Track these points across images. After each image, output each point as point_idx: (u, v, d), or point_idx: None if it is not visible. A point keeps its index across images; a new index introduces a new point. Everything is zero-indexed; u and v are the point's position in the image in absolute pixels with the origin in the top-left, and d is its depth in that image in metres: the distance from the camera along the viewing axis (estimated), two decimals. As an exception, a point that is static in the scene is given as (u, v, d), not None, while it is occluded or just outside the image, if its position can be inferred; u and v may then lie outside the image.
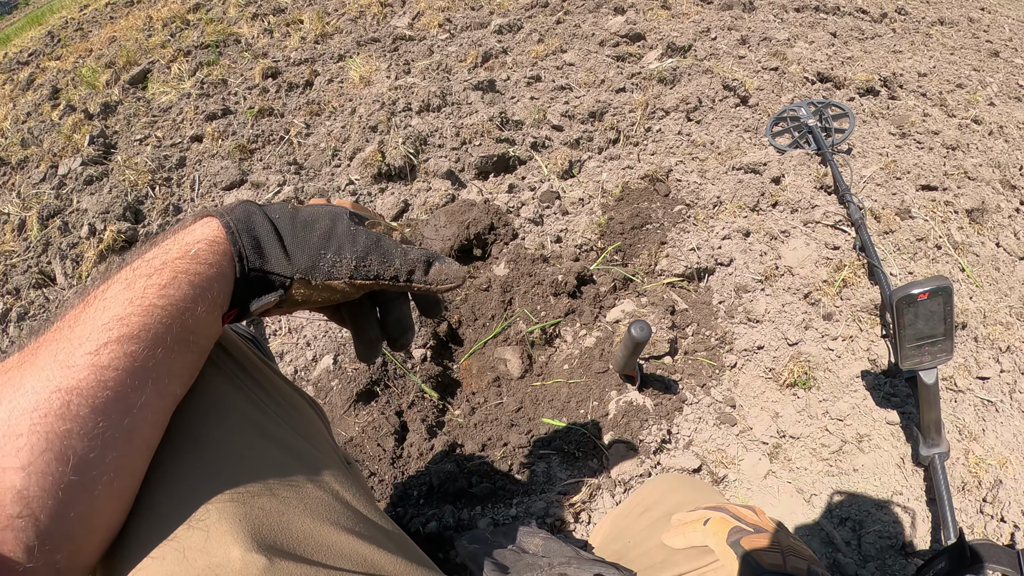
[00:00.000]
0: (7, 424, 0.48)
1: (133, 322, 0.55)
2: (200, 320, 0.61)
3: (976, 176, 2.50)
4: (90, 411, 0.51)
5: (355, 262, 0.69)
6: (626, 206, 2.23)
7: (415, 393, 1.74)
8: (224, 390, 0.68)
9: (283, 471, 0.64)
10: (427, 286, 0.73)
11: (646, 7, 3.96)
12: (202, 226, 0.64)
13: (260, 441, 0.66)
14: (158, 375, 0.57)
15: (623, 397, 1.69)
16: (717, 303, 2.01)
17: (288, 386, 0.82)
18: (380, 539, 0.67)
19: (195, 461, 0.60)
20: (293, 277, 0.67)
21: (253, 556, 0.53)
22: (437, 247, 2.02)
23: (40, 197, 2.71)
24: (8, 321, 2.22)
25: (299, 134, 2.88)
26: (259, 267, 0.66)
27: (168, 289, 0.58)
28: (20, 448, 0.47)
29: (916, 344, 1.52)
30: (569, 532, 1.47)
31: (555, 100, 2.93)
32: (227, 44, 4.05)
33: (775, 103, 2.91)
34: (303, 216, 0.70)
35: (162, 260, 0.59)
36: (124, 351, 0.54)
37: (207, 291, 0.61)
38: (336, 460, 0.78)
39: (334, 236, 0.69)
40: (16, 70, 4.84)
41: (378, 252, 0.70)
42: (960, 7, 5.02)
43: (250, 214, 0.67)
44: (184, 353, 0.61)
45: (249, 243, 0.65)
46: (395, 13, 4.14)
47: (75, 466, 0.50)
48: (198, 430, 0.62)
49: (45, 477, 0.48)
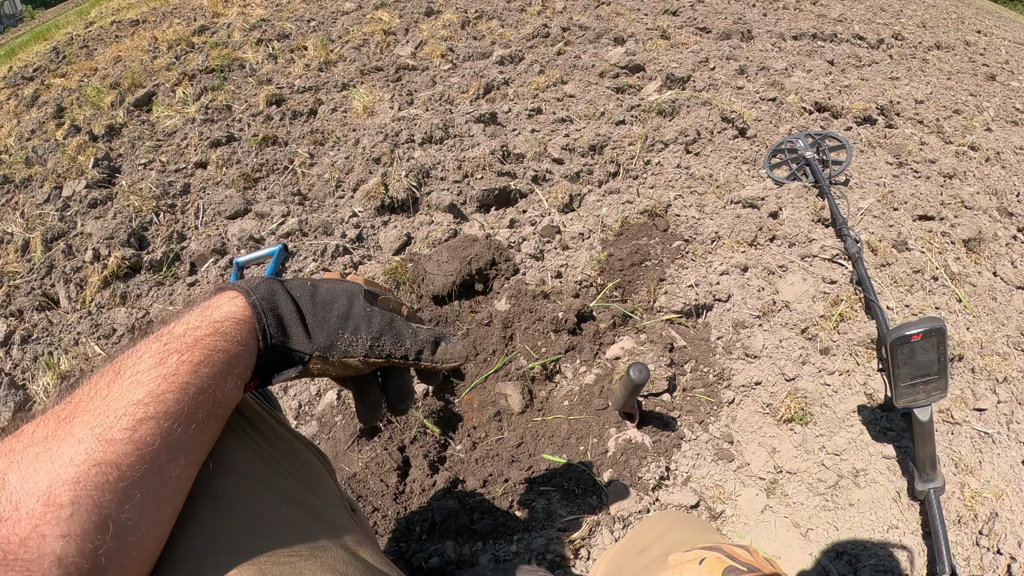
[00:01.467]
0: (49, 495, 0.51)
1: (168, 399, 0.58)
2: (227, 394, 0.65)
3: (973, 205, 2.52)
4: (128, 484, 0.55)
5: (370, 342, 0.73)
6: (625, 242, 2.26)
7: (417, 428, 1.76)
8: (237, 450, 0.71)
9: (295, 526, 0.67)
10: (433, 365, 0.78)
11: (645, 37, 4.01)
12: (228, 303, 0.68)
13: (272, 498, 0.69)
14: (189, 447, 0.61)
15: (622, 434, 1.71)
16: (715, 339, 2.03)
17: (294, 438, 0.85)
18: None
19: (213, 520, 0.63)
20: (312, 354, 0.71)
21: None
22: (440, 282, 2.04)
23: (44, 218, 2.73)
24: (11, 343, 2.23)
25: (303, 164, 2.91)
26: (282, 344, 0.70)
27: (201, 367, 0.61)
28: (62, 518, 0.50)
29: (911, 383, 1.54)
30: (569, 568, 1.48)
31: (556, 132, 2.96)
32: (231, 69, 4.10)
33: (773, 134, 2.94)
34: (322, 295, 0.74)
35: (193, 337, 0.63)
36: (160, 427, 0.57)
37: (235, 367, 0.65)
38: (343, 511, 0.81)
39: (351, 317, 0.73)
40: (21, 85, 4.87)
41: (391, 333, 0.75)
42: (956, 30, 5.07)
43: (273, 292, 0.71)
44: (212, 425, 0.64)
45: (273, 321, 0.69)
46: (398, 42, 4.19)
47: (113, 534, 0.53)
48: (214, 489, 0.65)
49: (85, 544, 0.51)
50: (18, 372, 2.14)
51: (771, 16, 4.76)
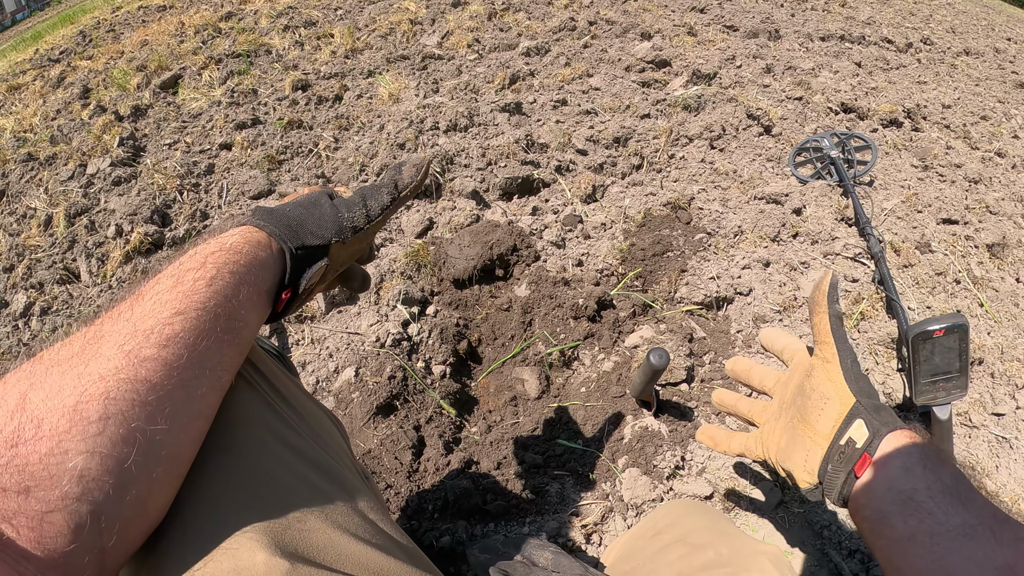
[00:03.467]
0: (75, 409, 0.51)
1: (191, 315, 0.60)
2: (243, 305, 0.66)
3: (998, 210, 2.50)
4: (157, 399, 0.56)
5: (365, 209, 0.82)
6: (648, 233, 2.26)
7: (433, 409, 1.77)
8: (250, 402, 0.72)
9: (306, 482, 0.68)
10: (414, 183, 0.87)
11: (672, 33, 4.00)
12: (234, 224, 0.72)
13: (285, 452, 0.69)
14: (212, 365, 0.62)
15: (638, 422, 1.71)
16: (735, 332, 2.02)
17: (310, 401, 0.86)
18: (395, 551, 0.70)
19: (223, 470, 0.63)
20: (331, 242, 0.78)
21: (276, 560, 0.56)
22: (461, 266, 2.05)
23: (68, 195, 2.76)
24: (31, 315, 2.26)
25: (327, 148, 2.93)
26: (301, 243, 0.75)
27: (215, 281, 0.63)
28: (89, 433, 0.50)
29: (931, 380, 1.53)
30: (581, 553, 1.49)
31: (580, 124, 2.96)
32: (258, 54, 4.12)
33: (798, 133, 2.92)
34: (302, 202, 0.81)
35: (203, 256, 0.65)
36: (187, 343, 0.59)
37: (246, 277, 0.67)
38: (355, 473, 0.82)
39: (337, 203, 0.82)
40: (47, 67, 4.92)
41: (370, 194, 0.84)
42: (986, 37, 5.02)
43: (268, 211, 0.75)
44: (232, 343, 0.66)
45: (282, 230, 0.73)
46: (424, 32, 4.20)
47: (141, 447, 0.54)
48: (225, 440, 0.66)
49: (110, 458, 0.51)
50: (36, 343, 2.17)
51: (799, 16, 4.74)
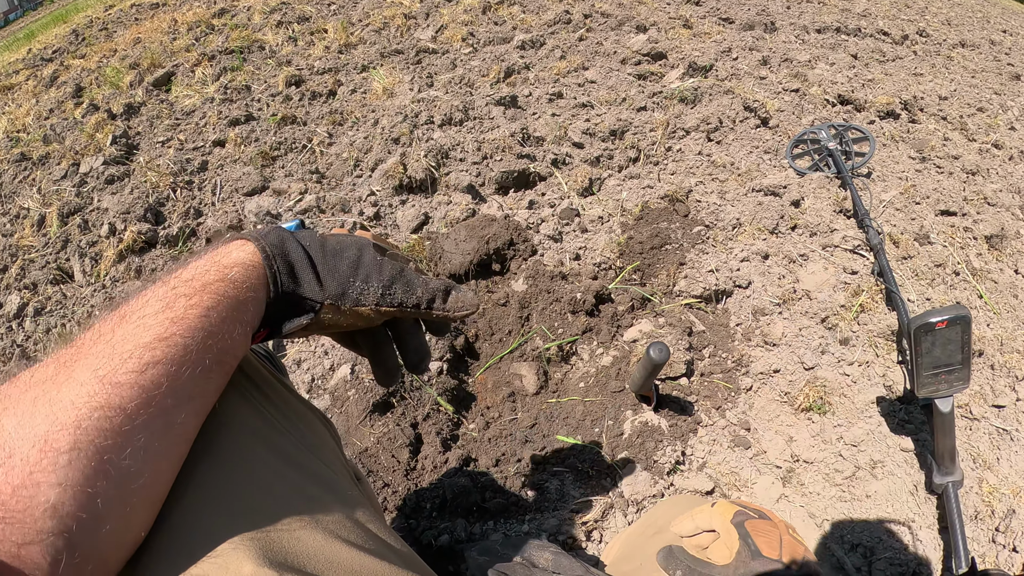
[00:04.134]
0: (46, 439, 0.48)
1: (177, 343, 0.57)
2: (236, 341, 0.63)
3: (996, 202, 2.49)
4: (132, 428, 0.52)
5: (381, 290, 0.72)
6: (645, 226, 2.24)
7: (431, 406, 1.75)
8: (239, 409, 0.69)
9: (295, 488, 0.66)
10: (445, 314, 0.77)
11: (668, 26, 3.98)
12: (238, 249, 0.66)
13: (272, 459, 0.67)
14: (195, 394, 0.59)
15: (638, 417, 1.69)
16: (734, 325, 2.01)
17: (300, 403, 0.83)
18: (389, 556, 0.68)
19: (210, 479, 0.61)
20: (324, 302, 0.70)
21: (264, 571, 0.54)
22: (457, 261, 2.03)
23: (61, 194, 2.74)
24: (24, 315, 2.23)
25: (321, 143, 2.90)
26: (292, 291, 0.69)
27: (211, 312, 0.60)
28: (59, 464, 0.48)
29: (933, 372, 1.52)
30: (581, 550, 1.47)
31: (576, 117, 2.95)
32: (251, 50, 4.10)
33: (795, 125, 2.91)
34: (332, 245, 0.73)
35: (201, 282, 0.61)
36: (168, 372, 0.56)
37: (243, 314, 0.64)
38: (346, 477, 0.79)
39: (362, 265, 0.73)
40: (40, 66, 4.90)
41: (402, 281, 0.74)
42: (982, 29, 5.01)
43: (283, 240, 0.70)
44: (219, 373, 0.63)
45: (284, 267, 0.68)
46: (419, 26, 4.18)
47: (115, 481, 0.51)
48: (213, 447, 0.63)
49: (83, 492, 0.49)
50: (30, 344, 2.15)
51: (795, 8, 4.72)
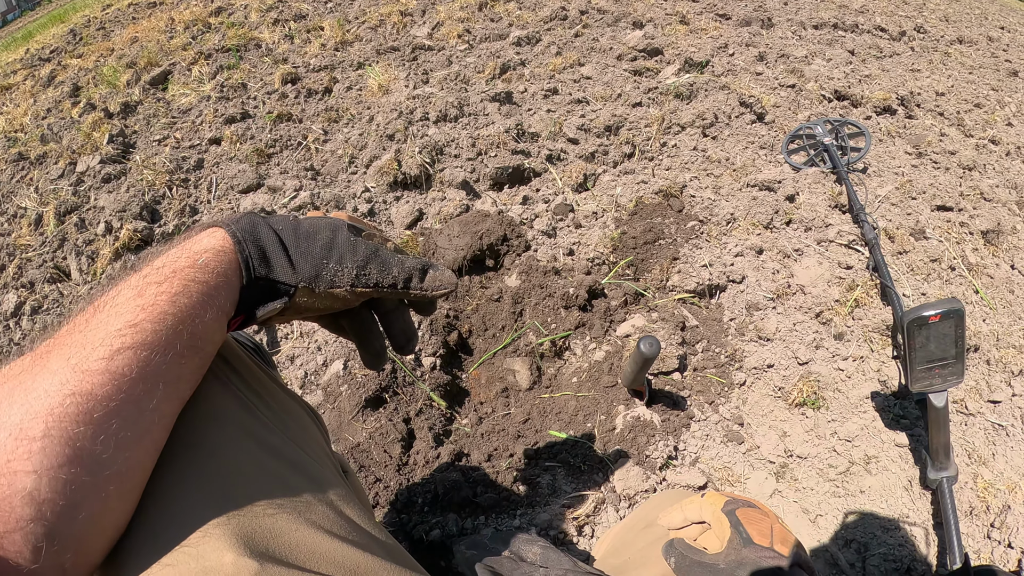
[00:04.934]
0: (20, 427, 0.49)
1: (146, 328, 0.57)
2: (208, 326, 0.63)
3: (992, 197, 2.49)
4: (104, 414, 0.53)
5: (356, 271, 0.72)
6: (639, 221, 2.24)
7: (423, 401, 1.75)
8: (221, 398, 0.69)
9: (278, 479, 0.66)
10: (423, 292, 0.77)
11: (664, 22, 3.98)
12: (209, 236, 0.66)
13: (254, 449, 0.67)
14: (168, 379, 0.59)
15: (631, 412, 1.69)
16: (728, 320, 2.01)
17: (287, 395, 0.84)
18: (373, 547, 0.67)
19: (191, 468, 0.61)
20: (297, 285, 0.70)
21: (245, 560, 0.54)
22: (450, 256, 2.03)
23: (58, 193, 2.73)
24: (22, 314, 2.24)
25: (317, 140, 2.90)
26: (265, 275, 0.68)
27: (179, 297, 0.60)
28: (33, 451, 0.48)
29: (927, 366, 1.51)
30: (573, 545, 1.47)
31: (571, 113, 2.94)
32: (248, 48, 4.09)
33: (791, 120, 2.91)
34: (305, 227, 0.73)
35: (172, 268, 0.61)
36: (137, 357, 0.56)
37: (215, 299, 0.64)
38: (331, 470, 0.79)
39: (335, 246, 0.72)
40: (38, 66, 4.90)
41: (377, 261, 0.74)
42: (979, 26, 5.00)
43: (255, 225, 0.69)
44: (192, 358, 0.63)
45: (255, 252, 0.68)
46: (415, 23, 4.17)
47: (88, 467, 0.51)
48: (194, 436, 0.63)
49: (57, 479, 0.49)
50: (27, 342, 2.15)
51: (792, 4, 4.71)
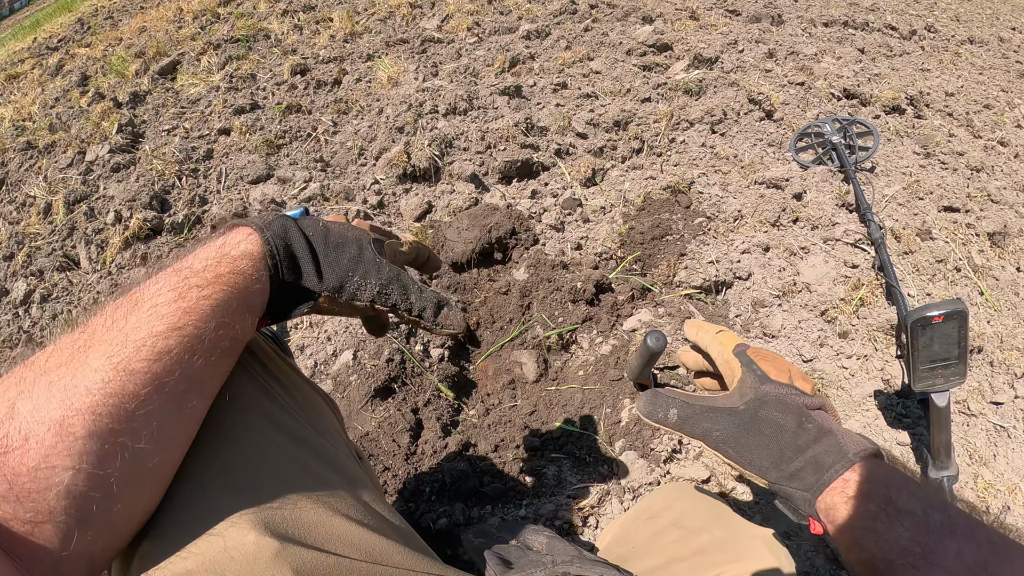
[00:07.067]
0: (61, 423, 0.50)
1: (190, 333, 0.59)
2: (244, 329, 0.67)
3: (1000, 199, 2.49)
4: (146, 414, 0.55)
5: (378, 289, 0.76)
6: (647, 216, 2.25)
7: (431, 392, 1.77)
8: (245, 386, 0.72)
9: (299, 464, 0.68)
10: (433, 327, 0.81)
11: (674, 17, 3.97)
12: (245, 240, 0.69)
13: (276, 434, 0.69)
14: (205, 379, 0.62)
15: (636, 406, 1.70)
16: (734, 317, 2.02)
17: (305, 382, 0.86)
18: (388, 532, 0.70)
19: (218, 456, 0.64)
20: (322, 293, 0.74)
21: (266, 540, 0.56)
22: (459, 249, 2.04)
23: (67, 182, 2.75)
24: (31, 302, 2.26)
25: (326, 132, 2.91)
26: (294, 282, 0.72)
27: (220, 305, 0.62)
28: (75, 449, 0.50)
29: (930, 366, 1.52)
30: (578, 536, 1.49)
31: (580, 108, 2.95)
32: (257, 39, 4.10)
33: (800, 118, 2.91)
34: (334, 238, 0.76)
35: (214, 273, 0.64)
36: (181, 360, 0.58)
37: (251, 305, 0.67)
38: (349, 456, 0.82)
39: (362, 262, 0.76)
40: (45, 55, 4.91)
41: (398, 284, 0.78)
42: (991, 27, 4.98)
43: (287, 230, 0.72)
44: (229, 359, 0.66)
45: (286, 259, 0.71)
46: (424, 15, 4.17)
47: (127, 463, 0.53)
48: (220, 425, 0.66)
49: (96, 476, 0.51)
50: (36, 330, 2.17)
51: (802, 2, 4.69)
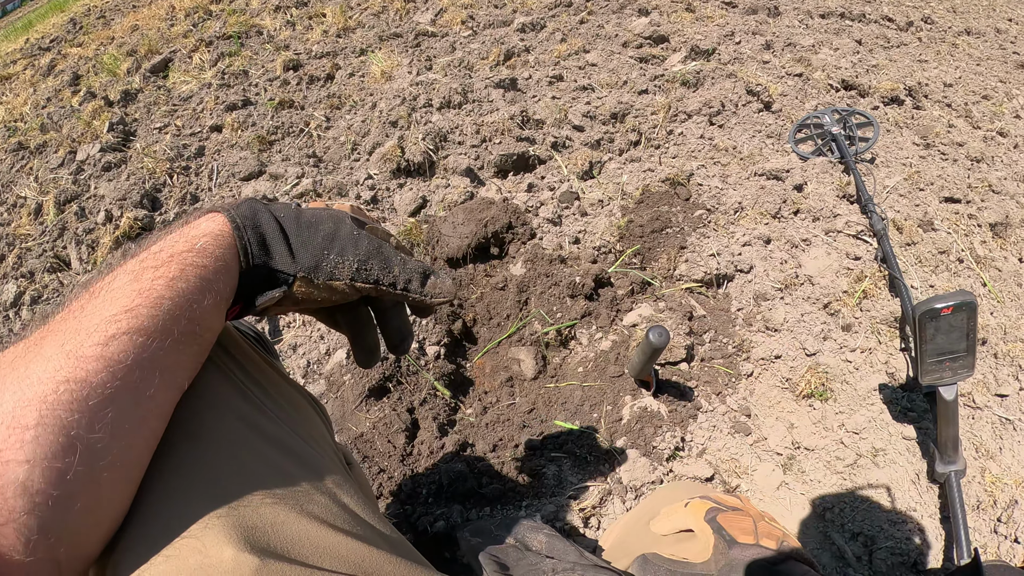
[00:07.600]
0: (13, 415, 0.48)
1: (142, 313, 0.55)
2: (206, 312, 0.62)
3: (1000, 189, 2.46)
4: (99, 401, 0.51)
5: (357, 264, 0.71)
6: (646, 209, 2.21)
7: (427, 390, 1.73)
8: (220, 388, 0.68)
9: (278, 471, 0.65)
10: (421, 297, 0.76)
11: (670, 9, 3.95)
12: (208, 221, 0.65)
13: (255, 440, 0.66)
14: (165, 366, 0.58)
15: (637, 402, 1.67)
16: (735, 310, 1.99)
17: (290, 386, 0.82)
18: (376, 541, 0.66)
19: (190, 459, 0.60)
20: (296, 275, 0.69)
21: (245, 556, 0.52)
22: (455, 244, 2.01)
23: (58, 182, 2.73)
24: (21, 304, 2.23)
25: (319, 127, 2.88)
26: (264, 263, 0.67)
27: (176, 282, 0.59)
28: (26, 440, 0.47)
29: (937, 359, 1.49)
30: (580, 536, 1.46)
31: (577, 100, 2.92)
32: (249, 36, 4.07)
33: (799, 109, 2.88)
34: (307, 217, 0.72)
35: (169, 253, 0.60)
36: (133, 342, 0.54)
37: (213, 284, 0.62)
38: (335, 461, 0.78)
39: (337, 238, 0.71)
40: (37, 56, 4.89)
41: (379, 258, 0.73)
42: (987, 18, 4.97)
43: (255, 211, 0.68)
44: (190, 345, 0.61)
45: (255, 239, 0.67)
46: (418, 9, 4.15)
47: (83, 457, 0.50)
48: (193, 427, 0.62)
49: (51, 469, 0.48)
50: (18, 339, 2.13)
51: (798, -6, 4.69)
